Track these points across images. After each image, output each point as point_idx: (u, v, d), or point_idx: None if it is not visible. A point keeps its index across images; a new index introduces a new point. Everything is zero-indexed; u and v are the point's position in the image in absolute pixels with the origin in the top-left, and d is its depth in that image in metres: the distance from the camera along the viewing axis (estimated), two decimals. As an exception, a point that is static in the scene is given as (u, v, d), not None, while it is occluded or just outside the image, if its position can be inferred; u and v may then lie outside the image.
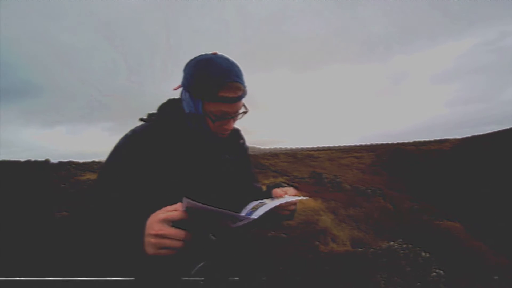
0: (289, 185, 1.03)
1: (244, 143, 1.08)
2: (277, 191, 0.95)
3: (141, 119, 0.91)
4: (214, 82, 0.81)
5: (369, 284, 4.03)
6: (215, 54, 0.87)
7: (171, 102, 0.93)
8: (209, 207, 0.64)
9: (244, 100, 0.90)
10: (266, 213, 0.77)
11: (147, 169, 0.80)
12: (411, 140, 22.05)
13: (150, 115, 0.92)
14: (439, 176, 14.58)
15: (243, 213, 0.78)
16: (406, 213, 8.74)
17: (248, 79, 0.93)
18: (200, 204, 0.64)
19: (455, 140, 18.21)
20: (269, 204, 0.81)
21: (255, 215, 0.75)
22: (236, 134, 1.05)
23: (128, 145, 0.82)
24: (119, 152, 0.82)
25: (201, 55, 0.86)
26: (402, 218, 8.30)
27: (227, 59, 0.86)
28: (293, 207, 0.94)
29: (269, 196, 0.96)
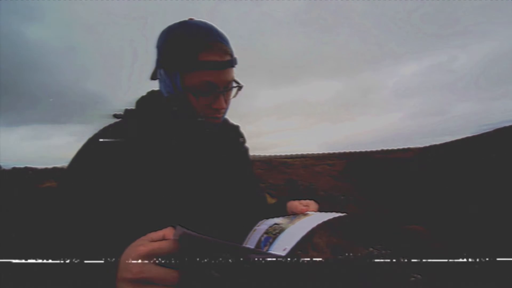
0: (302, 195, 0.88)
1: (244, 142, 0.88)
2: (295, 205, 0.75)
3: (115, 115, 0.73)
4: (191, 44, 0.64)
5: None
6: (191, 19, 0.70)
7: (151, 94, 0.75)
8: (212, 239, 0.44)
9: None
10: (298, 244, 0.54)
11: (117, 176, 0.61)
12: (379, 149, 23.52)
13: (126, 110, 0.75)
14: (404, 182, 15.64)
15: (253, 240, 0.61)
16: (377, 219, 9.25)
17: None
18: (199, 235, 0.43)
19: (417, 148, 19.76)
20: (294, 228, 0.59)
21: (282, 248, 0.53)
22: (234, 131, 0.85)
23: (95, 147, 0.64)
24: (84, 155, 0.64)
25: (174, 23, 0.69)
26: (373, 223, 8.76)
27: (206, 22, 0.69)
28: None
29: (282, 211, 0.75)
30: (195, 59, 0.63)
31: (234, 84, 0.71)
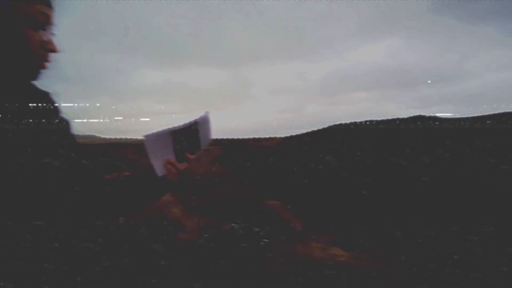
0: None
1: (60, 111, 0.75)
2: None
3: None
4: None
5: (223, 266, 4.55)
6: None
7: None
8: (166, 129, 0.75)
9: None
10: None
11: None
12: (251, 137, 26.22)
13: None
14: (270, 166, 18.23)
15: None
16: (244, 198, 10.43)
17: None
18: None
19: (280, 138, 23.38)
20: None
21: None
22: (45, 98, 0.71)
23: None
24: None
25: None
26: (241, 203, 9.83)
27: None
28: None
29: None
30: None
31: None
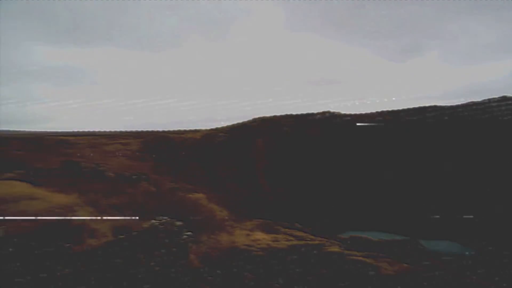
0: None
1: None
2: None
3: None
4: None
5: (130, 265, 4.14)
6: None
7: None
8: None
9: None
10: None
11: None
12: (174, 129, 24.81)
13: None
14: (193, 159, 17.72)
15: None
16: (166, 193, 9.86)
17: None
18: None
19: (206, 130, 23.00)
20: None
21: None
22: None
23: None
24: None
25: None
26: (163, 198, 9.25)
27: None
28: None
29: None
30: None
31: None
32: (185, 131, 22.40)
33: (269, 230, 10.81)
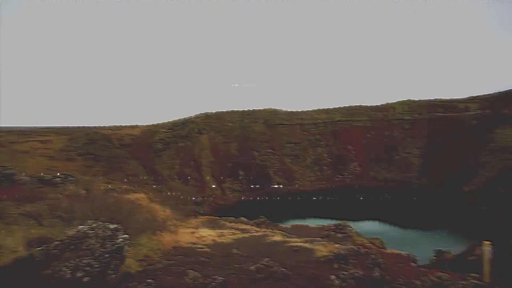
0: None
1: None
2: None
3: None
4: None
5: (48, 278, 3.60)
6: None
7: None
8: None
9: None
10: None
11: None
12: (108, 124, 22.40)
13: None
14: (132, 156, 16.36)
15: None
16: (99, 195, 8.86)
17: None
18: None
19: (145, 126, 21.45)
20: None
21: None
22: None
23: None
24: None
25: None
26: (95, 201, 8.28)
27: None
28: None
29: None
30: None
31: None
32: (121, 127, 20.46)
33: (215, 226, 10.70)
